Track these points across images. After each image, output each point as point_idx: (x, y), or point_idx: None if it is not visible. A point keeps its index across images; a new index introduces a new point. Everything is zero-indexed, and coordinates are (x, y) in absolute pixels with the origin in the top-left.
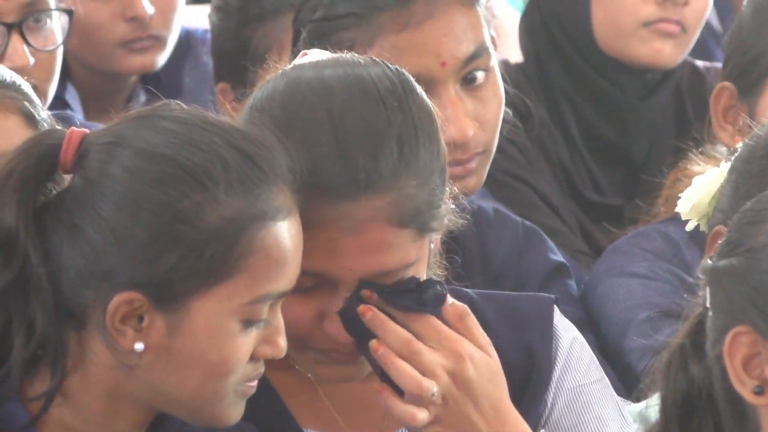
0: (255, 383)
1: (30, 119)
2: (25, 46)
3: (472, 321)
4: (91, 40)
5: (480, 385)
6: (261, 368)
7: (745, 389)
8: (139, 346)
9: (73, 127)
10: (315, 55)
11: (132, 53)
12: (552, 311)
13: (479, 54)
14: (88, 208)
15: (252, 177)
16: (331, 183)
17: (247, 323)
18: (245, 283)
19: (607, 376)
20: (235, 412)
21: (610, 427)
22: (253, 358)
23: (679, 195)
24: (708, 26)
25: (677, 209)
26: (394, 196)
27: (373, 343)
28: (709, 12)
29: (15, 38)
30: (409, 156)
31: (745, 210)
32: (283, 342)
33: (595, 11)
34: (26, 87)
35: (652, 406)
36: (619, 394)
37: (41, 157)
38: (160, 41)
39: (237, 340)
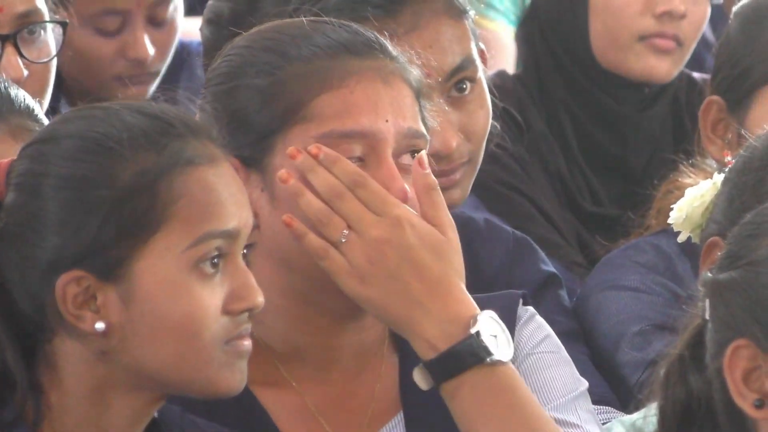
0: (247, 342)
1: None
2: (19, 58)
3: (439, 197)
4: (89, 72)
5: (420, 254)
6: (244, 325)
7: (745, 402)
8: (99, 325)
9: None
10: None
11: (127, 85)
12: (517, 303)
13: (465, 66)
14: (22, 211)
15: (160, 132)
16: (352, 45)
17: (200, 273)
18: (180, 229)
19: (601, 388)
20: (233, 374)
21: (555, 388)
22: (229, 313)
23: (671, 207)
24: (702, 37)
25: (669, 221)
26: (401, 64)
27: (282, 173)
28: (705, 25)
29: (9, 50)
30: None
31: (745, 223)
32: (255, 295)
33: (593, 23)
34: (39, 111)
35: (649, 416)
36: (613, 405)
37: None
38: (156, 75)
39: (194, 291)
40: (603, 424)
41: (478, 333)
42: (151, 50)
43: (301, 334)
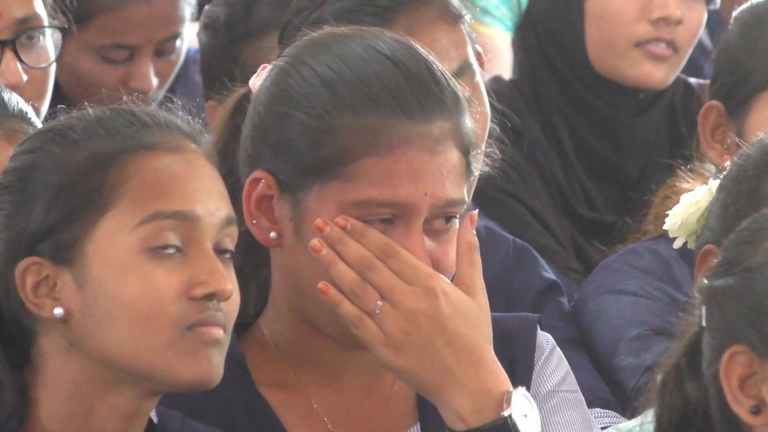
0: (214, 330)
1: None
2: (18, 64)
3: (477, 258)
4: (90, 96)
5: (453, 324)
6: (210, 311)
7: (741, 409)
8: (57, 310)
9: None
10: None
11: None
12: (535, 328)
13: (463, 71)
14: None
15: (120, 121)
16: (408, 106)
17: (151, 252)
18: (128, 209)
19: (601, 390)
20: (197, 363)
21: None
22: (191, 297)
23: (668, 212)
24: (698, 42)
25: (665, 227)
26: (456, 121)
27: (315, 242)
28: (702, 30)
29: (8, 55)
30: (455, 89)
31: (741, 230)
32: (219, 281)
33: (589, 30)
34: (32, 115)
35: (646, 423)
36: (613, 409)
37: None
38: (153, 101)
39: (146, 272)
40: (603, 428)
41: (510, 416)
42: (154, 82)
43: (312, 348)
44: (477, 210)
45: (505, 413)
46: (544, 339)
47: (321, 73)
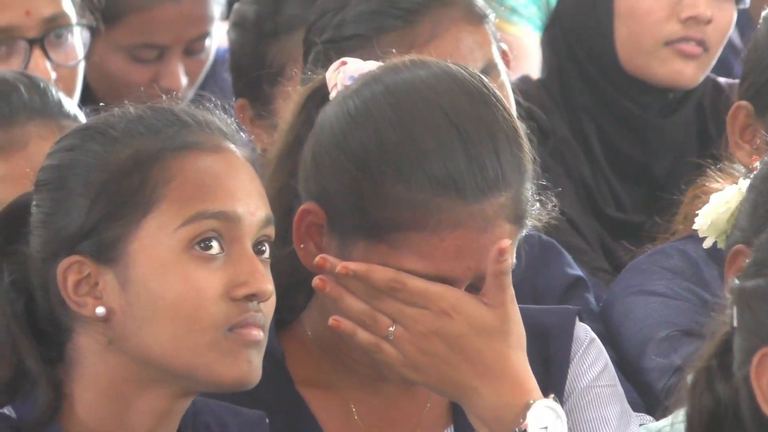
0: (256, 331)
1: None
2: (46, 62)
3: (508, 280)
4: (119, 95)
5: (470, 341)
6: (251, 312)
7: None
8: (99, 309)
9: None
10: (358, 64)
11: None
12: (573, 322)
13: (488, 71)
14: (34, 207)
15: (161, 120)
16: (463, 185)
17: (196, 254)
18: (171, 209)
19: (628, 393)
20: (237, 364)
21: (610, 427)
22: (232, 298)
23: (698, 212)
24: (728, 42)
25: (695, 227)
26: (513, 194)
27: (316, 281)
28: (732, 30)
29: (37, 53)
30: (519, 153)
31: None
32: (261, 281)
33: (618, 29)
34: (80, 115)
35: (676, 423)
36: (639, 410)
37: (13, 206)
38: (183, 100)
39: (189, 272)
40: None
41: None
42: (184, 81)
43: (352, 349)
44: (507, 241)
45: (521, 426)
46: (583, 331)
47: (381, 130)
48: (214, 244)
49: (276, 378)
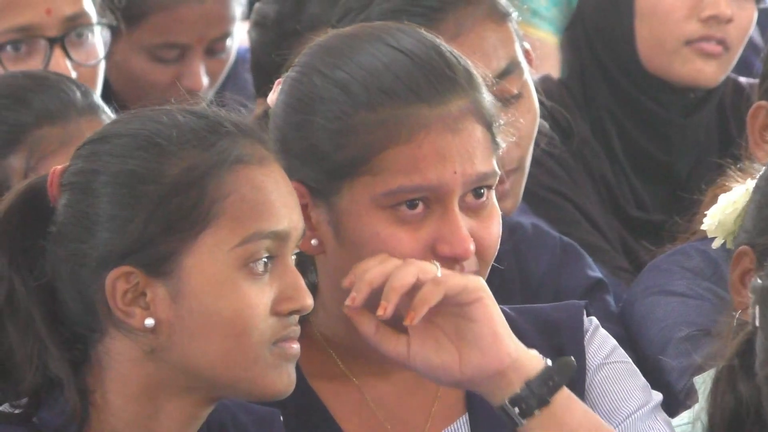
0: (296, 346)
1: None
2: (67, 61)
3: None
4: (140, 94)
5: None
6: (292, 327)
7: None
8: (149, 321)
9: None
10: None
11: None
12: (582, 314)
13: (511, 69)
14: (74, 209)
15: (210, 130)
16: (420, 88)
17: (249, 272)
18: (228, 226)
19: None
20: (280, 377)
21: (635, 397)
22: (277, 313)
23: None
24: (749, 41)
25: (702, 227)
26: (473, 97)
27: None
28: (753, 28)
29: (57, 53)
30: (467, 66)
31: None
32: (304, 296)
33: (639, 28)
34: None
35: (697, 421)
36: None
37: (26, 196)
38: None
39: (242, 289)
40: None
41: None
42: (205, 81)
43: (361, 340)
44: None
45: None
46: (587, 321)
47: (332, 76)
48: (265, 260)
49: None
